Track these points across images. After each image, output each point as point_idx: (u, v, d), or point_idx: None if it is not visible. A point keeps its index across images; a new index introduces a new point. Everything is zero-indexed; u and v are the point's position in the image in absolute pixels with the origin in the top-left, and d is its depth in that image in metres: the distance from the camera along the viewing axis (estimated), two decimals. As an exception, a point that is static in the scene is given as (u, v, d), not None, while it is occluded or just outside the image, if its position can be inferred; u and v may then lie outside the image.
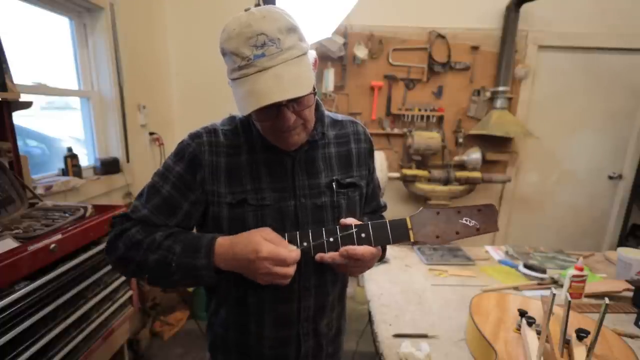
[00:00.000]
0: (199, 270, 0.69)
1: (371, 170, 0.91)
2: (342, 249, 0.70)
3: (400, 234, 0.71)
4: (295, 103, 0.67)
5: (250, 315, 0.83)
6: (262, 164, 0.77)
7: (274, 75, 0.62)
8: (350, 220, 0.74)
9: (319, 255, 0.71)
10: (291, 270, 0.67)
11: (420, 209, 0.71)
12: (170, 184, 0.76)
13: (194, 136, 0.77)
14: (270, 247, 0.65)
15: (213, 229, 0.78)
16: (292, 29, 0.65)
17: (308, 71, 0.66)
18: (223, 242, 0.70)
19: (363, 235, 0.71)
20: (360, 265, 0.73)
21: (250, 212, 0.76)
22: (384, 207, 1.03)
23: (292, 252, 0.67)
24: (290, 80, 0.63)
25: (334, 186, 0.81)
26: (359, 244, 0.71)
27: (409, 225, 0.71)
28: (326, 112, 0.86)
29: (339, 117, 0.89)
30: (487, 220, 0.68)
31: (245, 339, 0.85)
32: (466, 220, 0.68)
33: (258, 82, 0.62)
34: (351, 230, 0.71)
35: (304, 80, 0.64)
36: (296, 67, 0.64)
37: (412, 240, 0.71)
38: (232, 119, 0.82)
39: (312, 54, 0.72)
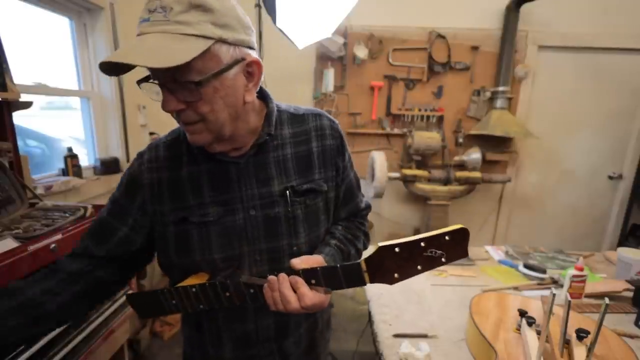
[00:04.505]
0: None
1: (341, 169, 0.79)
2: (294, 278, 0.62)
3: (354, 278, 0.62)
4: (190, 91, 0.57)
5: (207, 338, 0.79)
6: (204, 175, 0.70)
7: (141, 40, 0.54)
8: (300, 260, 0.64)
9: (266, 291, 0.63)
10: None
11: (377, 246, 0.60)
12: (107, 210, 0.73)
13: (138, 155, 0.75)
14: None
15: (161, 250, 0.74)
16: (202, 8, 0.54)
17: (189, 51, 0.53)
18: None
19: (313, 282, 0.62)
20: (297, 312, 0.62)
21: (193, 230, 0.70)
22: (366, 209, 0.90)
23: None
24: (150, 49, 0.53)
25: (288, 194, 0.71)
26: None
27: (364, 268, 0.61)
28: (284, 107, 0.77)
29: (302, 110, 0.79)
30: (456, 246, 0.59)
31: None
32: (431, 252, 0.59)
33: (129, 42, 0.56)
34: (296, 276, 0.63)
35: (172, 55, 0.52)
36: (174, 42, 0.53)
37: (367, 283, 0.62)
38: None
39: (244, 54, 0.61)
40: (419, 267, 0.60)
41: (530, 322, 0.91)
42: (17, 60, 1.45)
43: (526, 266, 1.54)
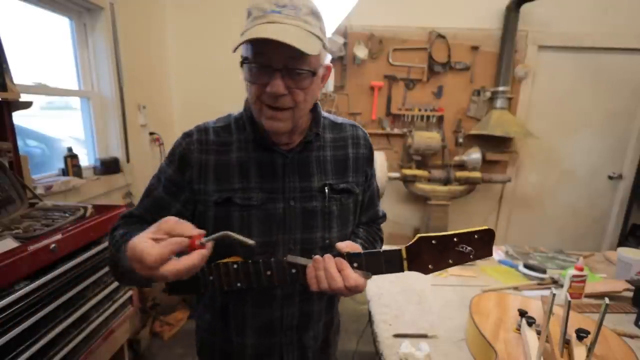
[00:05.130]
0: (133, 272, 0.55)
1: (369, 177, 0.87)
2: (339, 260, 0.65)
3: (394, 264, 0.67)
4: (291, 78, 0.64)
5: (231, 323, 0.81)
6: (252, 163, 0.75)
7: (280, 25, 0.61)
8: (345, 245, 0.69)
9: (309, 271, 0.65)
10: (158, 271, 0.51)
11: (417, 237, 0.66)
12: (162, 187, 0.76)
13: (186, 135, 0.77)
14: (138, 240, 0.52)
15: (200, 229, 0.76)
16: (317, 15, 0.67)
17: (315, 47, 0.63)
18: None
19: (355, 265, 0.66)
20: (339, 291, 0.65)
21: (235, 212, 0.73)
22: (383, 218, 0.97)
23: (154, 249, 0.51)
24: (293, 34, 0.61)
25: (327, 191, 0.78)
26: None
27: (404, 256, 0.67)
28: (325, 114, 0.84)
29: (339, 119, 0.87)
30: (483, 246, 0.65)
31: (228, 347, 0.84)
32: (462, 248, 0.65)
33: (261, 27, 0.61)
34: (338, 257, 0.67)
35: (309, 45, 0.62)
36: (306, 36, 0.63)
37: (405, 270, 0.67)
38: (227, 116, 0.81)
39: (328, 57, 0.72)
40: (450, 261, 0.66)
41: (530, 322, 0.91)
42: (17, 60, 1.45)
43: (526, 266, 1.54)
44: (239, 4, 2.61)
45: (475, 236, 0.64)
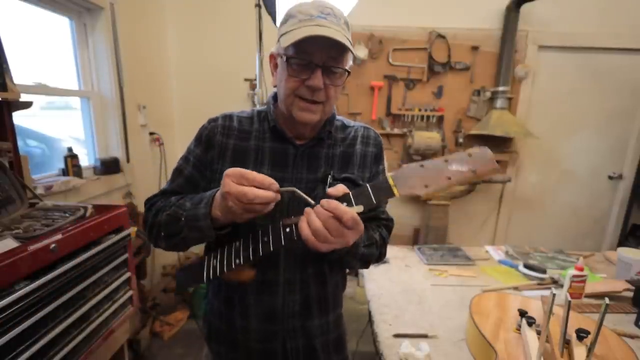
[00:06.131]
0: (199, 220, 0.69)
1: (373, 174, 0.89)
2: (327, 201, 0.63)
3: (383, 192, 0.65)
4: (327, 75, 0.72)
5: (235, 308, 0.85)
6: (267, 152, 0.82)
7: (328, 29, 0.70)
8: (334, 189, 0.66)
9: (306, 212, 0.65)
10: (253, 191, 0.61)
11: (403, 165, 0.64)
12: (192, 165, 0.83)
13: (211, 120, 0.85)
14: (236, 168, 0.64)
15: None
16: (348, 25, 0.75)
17: (351, 47, 0.72)
18: None
19: (345, 204, 0.65)
20: (337, 232, 0.63)
21: None
22: (388, 221, 0.93)
23: (259, 175, 0.63)
24: (340, 36, 0.70)
25: (329, 179, 0.82)
26: None
27: (392, 183, 0.64)
28: (338, 117, 0.90)
29: (352, 123, 0.92)
30: (482, 162, 0.59)
31: (234, 333, 0.87)
32: (457, 167, 0.60)
33: (312, 27, 0.69)
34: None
35: (349, 45, 0.71)
36: (345, 38, 0.71)
37: (396, 195, 0.64)
38: (251, 110, 0.88)
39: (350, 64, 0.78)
40: (449, 178, 0.61)
41: (530, 322, 0.91)
42: (17, 60, 1.45)
43: (526, 266, 1.54)
44: (239, 5, 2.61)
45: (469, 156, 0.60)
